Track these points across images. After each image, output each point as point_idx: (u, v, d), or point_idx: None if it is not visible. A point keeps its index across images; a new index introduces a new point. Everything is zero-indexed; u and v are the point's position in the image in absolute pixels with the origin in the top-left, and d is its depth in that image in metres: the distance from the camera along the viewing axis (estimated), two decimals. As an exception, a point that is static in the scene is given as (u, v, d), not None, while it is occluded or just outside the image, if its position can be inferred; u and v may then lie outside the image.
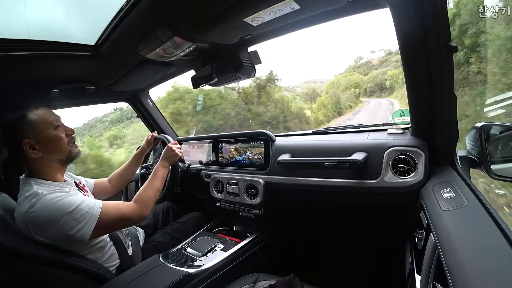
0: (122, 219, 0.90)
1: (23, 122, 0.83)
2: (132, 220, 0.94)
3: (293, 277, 0.84)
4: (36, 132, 0.84)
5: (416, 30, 0.68)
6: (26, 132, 0.83)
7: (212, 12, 0.71)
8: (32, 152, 0.83)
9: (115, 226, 0.92)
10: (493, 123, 0.83)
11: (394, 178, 0.90)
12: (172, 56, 0.98)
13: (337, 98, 22.12)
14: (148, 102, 1.74)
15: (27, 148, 0.82)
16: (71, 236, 0.78)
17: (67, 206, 0.78)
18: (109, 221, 0.86)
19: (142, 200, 0.98)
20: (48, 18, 0.87)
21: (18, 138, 0.82)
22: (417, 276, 0.68)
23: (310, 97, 22.92)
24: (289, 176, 1.13)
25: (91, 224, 0.80)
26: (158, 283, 0.88)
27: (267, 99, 12.95)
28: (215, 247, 1.15)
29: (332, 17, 0.84)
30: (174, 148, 1.20)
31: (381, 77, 28.07)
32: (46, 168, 0.87)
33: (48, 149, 0.86)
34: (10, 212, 0.82)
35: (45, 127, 0.86)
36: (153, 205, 1.02)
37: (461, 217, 0.59)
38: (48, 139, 0.86)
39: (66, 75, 1.17)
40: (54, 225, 0.76)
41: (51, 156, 0.87)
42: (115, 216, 0.87)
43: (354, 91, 25.15)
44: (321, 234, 1.44)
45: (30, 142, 0.82)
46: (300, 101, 20.81)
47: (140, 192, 1.00)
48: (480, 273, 0.43)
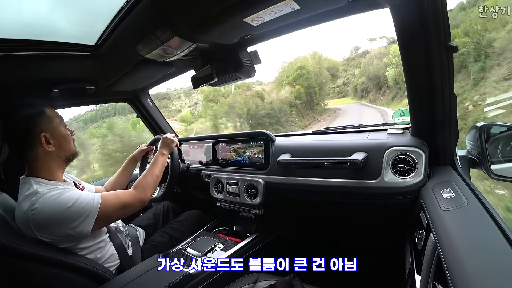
0: (123, 206, 0.91)
1: (43, 116, 0.87)
2: (133, 206, 0.95)
3: (293, 277, 0.84)
4: (52, 128, 0.88)
5: (416, 30, 0.68)
6: (44, 126, 0.86)
7: (212, 12, 0.71)
8: (47, 146, 0.85)
9: (117, 214, 0.92)
10: (493, 123, 0.83)
11: (394, 178, 0.90)
12: (172, 56, 0.98)
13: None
14: (148, 102, 1.74)
15: (43, 141, 0.84)
16: (74, 230, 0.79)
17: (66, 201, 0.79)
18: (110, 210, 0.87)
19: (141, 185, 1.00)
20: (48, 18, 0.87)
21: (36, 131, 0.84)
22: (417, 276, 0.68)
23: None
24: (289, 176, 1.13)
25: (92, 215, 0.82)
26: (158, 283, 0.88)
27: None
28: (215, 247, 1.15)
29: (332, 17, 0.84)
30: (169, 136, 1.26)
31: (376, 63, 18.19)
32: (52, 165, 0.89)
33: (60, 145, 0.90)
34: (10, 211, 0.82)
35: (59, 124, 0.91)
36: (153, 191, 1.04)
37: (461, 217, 0.59)
38: (61, 136, 0.91)
39: (66, 75, 1.17)
40: (56, 221, 0.77)
41: (61, 152, 0.90)
42: (115, 204, 0.89)
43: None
44: (320, 233, 1.44)
45: (46, 136, 0.85)
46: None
47: (140, 179, 1.03)
48: (480, 273, 0.43)
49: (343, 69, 28.52)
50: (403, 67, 0.78)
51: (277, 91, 16.84)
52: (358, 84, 20.93)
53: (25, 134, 0.84)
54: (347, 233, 1.35)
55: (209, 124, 11.73)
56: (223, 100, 13.81)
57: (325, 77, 19.34)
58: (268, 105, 14.71)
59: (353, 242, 1.37)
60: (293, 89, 16.38)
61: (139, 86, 1.56)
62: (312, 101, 17.31)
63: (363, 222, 1.19)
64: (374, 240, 1.28)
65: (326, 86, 19.92)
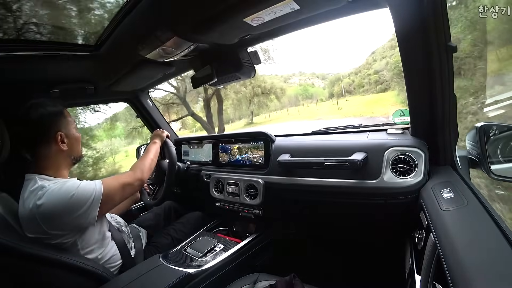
0: (123, 186, 0.95)
1: (61, 116, 0.91)
2: (132, 185, 0.99)
3: (293, 277, 0.84)
4: (68, 128, 0.92)
5: (416, 30, 0.68)
6: (62, 125, 0.90)
7: (212, 12, 0.71)
8: (62, 145, 0.88)
9: (119, 195, 0.95)
10: (493, 123, 0.83)
11: (394, 178, 0.90)
12: (172, 56, 0.98)
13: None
14: (148, 102, 1.74)
15: (59, 140, 0.88)
16: (81, 217, 0.81)
17: (70, 189, 0.81)
18: (112, 191, 0.91)
19: (138, 167, 1.06)
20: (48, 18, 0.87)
21: (54, 129, 0.87)
22: (417, 276, 0.68)
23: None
24: (289, 176, 1.13)
25: (97, 200, 0.85)
26: (158, 283, 0.88)
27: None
28: (215, 247, 1.15)
29: (332, 17, 0.84)
30: (159, 130, 1.35)
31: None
32: (61, 163, 0.91)
33: (72, 145, 0.93)
34: (11, 211, 0.82)
35: (73, 125, 0.95)
36: (149, 172, 1.10)
37: (461, 217, 0.59)
38: (74, 137, 0.94)
39: (66, 75, 1.18)
40: (63, 211, 0.79)
41: (72, 152, 0.93)
42: (116, 186, 0.93)
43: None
44: (320, 234, 1.44)
45: (62, 135, 0.89)
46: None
47: (137, 162, 1.10)
48: (480, 273, 0.43)
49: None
50: (403, 67, 0.78)
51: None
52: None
53: (44, 131, 0.86)
54: (347, 233, 1.35)
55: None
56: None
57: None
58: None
59: (353, 242, 1.37)
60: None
61: (139, 86, 1.56)
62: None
63: (363, 222, 1.19)
64: (374, 240, 1.28)
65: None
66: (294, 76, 28.34)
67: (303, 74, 28.97)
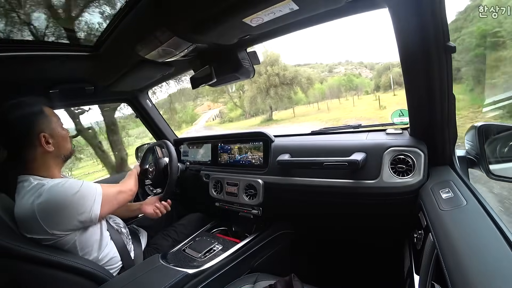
0: (119, 192, 0.98)
1: (42, 116, 0.86)
2: (126, 193, 1.02)
3: (293, 277, 0.84)
4: (51, 128, 0.88)
5: (415, 30, 0.68)
6: (44, 126, 0.86)
7: (211, 12, 0.71)
8: (47, 146, 0.85)
9: (115, 200, 0.96)
10: (492, 123, 0.83)
11: (393, 178, 0.90)
12: (171, 57, 0.98)
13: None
14: (147, 103, 1.74)
15: (43, 141, 0.84)
16: (83, 216, 0.81)
17: (73, 186, 0.81)
18: (110, 195, 0.93)
19: (125, 182, 1.09)
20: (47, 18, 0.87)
21: (35, 131, 0.84)
22: (416, 276, 0.68)
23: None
24: (288, 176, 1.13)
25: (98, 199, 0.86)
26: (157, 283, 0.88)
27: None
28: (214, 248, 1.15)
29: (331, 17, 0.84)
30: (157, 205, 1.18)
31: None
32: (51, 164, 0.89)
33: (59, 144, 0.90)
34: (8, 212, 0.81)
35: (57, 124, 0.91)
36: (136, 188, 1.11)
37: (459, 217, 0.59)
38: (60, 135, 0.91)
39: (65, 75, 1.17)
40: (65, 209, 0.78)
41: (60, 151, 0.91)
42: (112, 190, 0.95)
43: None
44: (320, 234, 1.44)
45: (46, 135, 0.85)
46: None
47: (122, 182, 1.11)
48: (478, 273, 0.43)
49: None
50: (402, 67, 0.78)
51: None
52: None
53: (24, 134, 0.82)
54: (346, 233, 1.35)
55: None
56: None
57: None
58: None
59: (352, 242, 1.37)
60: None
61: (138, 87, 1.56)
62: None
63: (362, 222, 1.19)
64: (373, 240, 1.29)
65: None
66: (340, 65, 27.04)
67: (350, 63, 27.48)
